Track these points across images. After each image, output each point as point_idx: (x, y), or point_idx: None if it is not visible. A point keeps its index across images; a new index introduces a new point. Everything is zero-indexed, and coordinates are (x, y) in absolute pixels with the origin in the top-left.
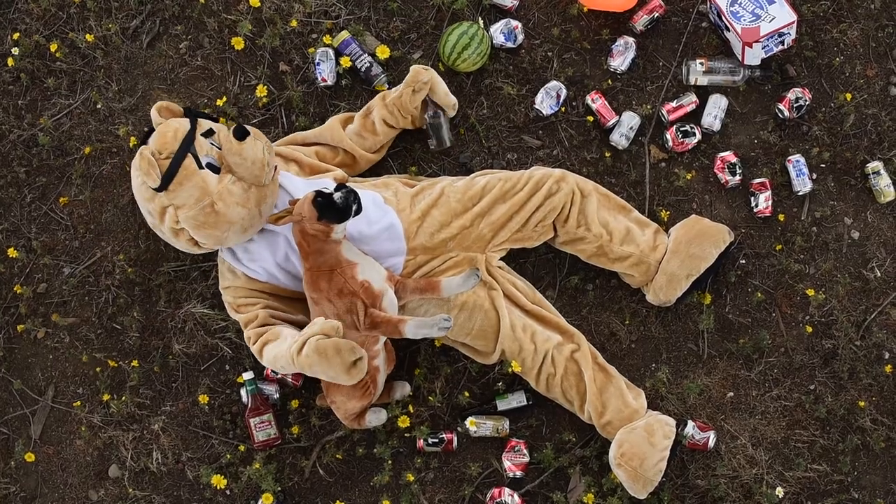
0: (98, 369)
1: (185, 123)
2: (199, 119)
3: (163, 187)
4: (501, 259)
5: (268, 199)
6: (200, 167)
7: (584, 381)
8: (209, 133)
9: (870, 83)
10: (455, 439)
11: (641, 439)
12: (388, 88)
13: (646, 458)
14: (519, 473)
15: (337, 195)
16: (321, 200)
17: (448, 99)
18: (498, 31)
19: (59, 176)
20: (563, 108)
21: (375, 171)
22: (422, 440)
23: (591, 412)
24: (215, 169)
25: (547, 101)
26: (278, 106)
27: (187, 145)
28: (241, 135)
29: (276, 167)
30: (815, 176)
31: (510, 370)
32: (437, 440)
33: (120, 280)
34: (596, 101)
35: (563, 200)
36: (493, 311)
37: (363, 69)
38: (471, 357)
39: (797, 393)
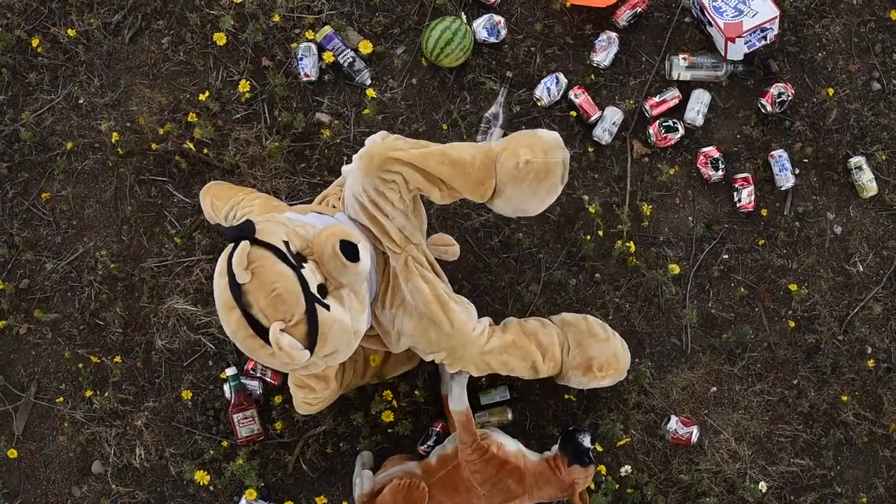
0: (80, 365)
1: (285, 272)
2: (275, 247)
3: (311, 350)
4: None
5: None
6: (328, 309)
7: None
8: (302, 259)
9: (852, 78)
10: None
11: (597, 343)
12: (371, 85)
13: (619, 356)
14: None
15: (587, 441)
16: (572, 448)
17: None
18: (481, 27)
19: (41, 171)
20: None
21: None
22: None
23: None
24: (324, 290)
25: (546, 91)
26: (261, 101)
27: (311, 299)
28: (353, 256)
29: None
30: (797, 171)
31: None
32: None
33: (102, 276)
34: (579, 97)
35: None
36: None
37: (346, 64)
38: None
39: (780, 388)
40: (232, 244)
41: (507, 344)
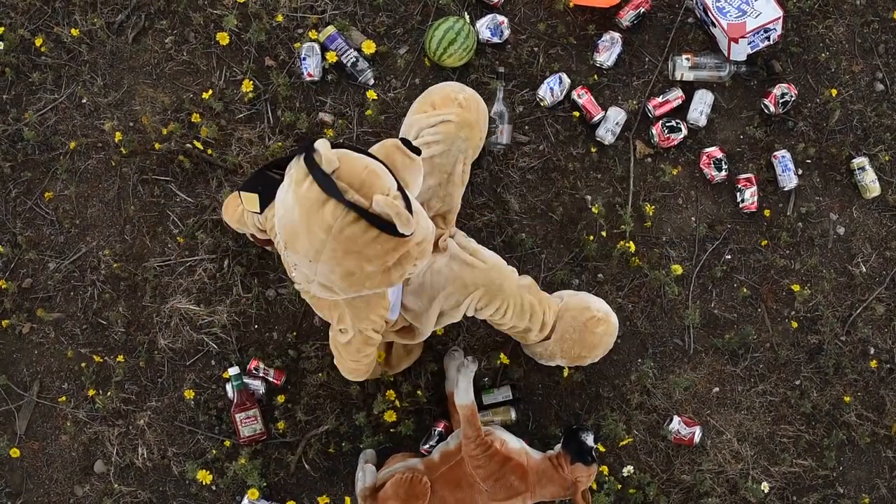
0: (83, 364)
1: (370, 158)
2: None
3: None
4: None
5: None
6: None
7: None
8: None
9: (855, 79)
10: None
11: (592, 298)
12: (374, 85)
13: (610, 312)
14: None
15: (590, 439)
16: (575, 446)
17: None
18: (484, 27)
19: (44, 171)
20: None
21: None
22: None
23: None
24: None
25: (549, 91)
26: (264, 101)
27: (397, 180)
28: (417, 149)
29: None
30: (800, 171)
31: (498, 362)
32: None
33: (105, 275)
34: (582, 97)
35: None
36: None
37: (349, 64)
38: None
39: (783, 388)
40: (302, 153)
41: (531, 284)
